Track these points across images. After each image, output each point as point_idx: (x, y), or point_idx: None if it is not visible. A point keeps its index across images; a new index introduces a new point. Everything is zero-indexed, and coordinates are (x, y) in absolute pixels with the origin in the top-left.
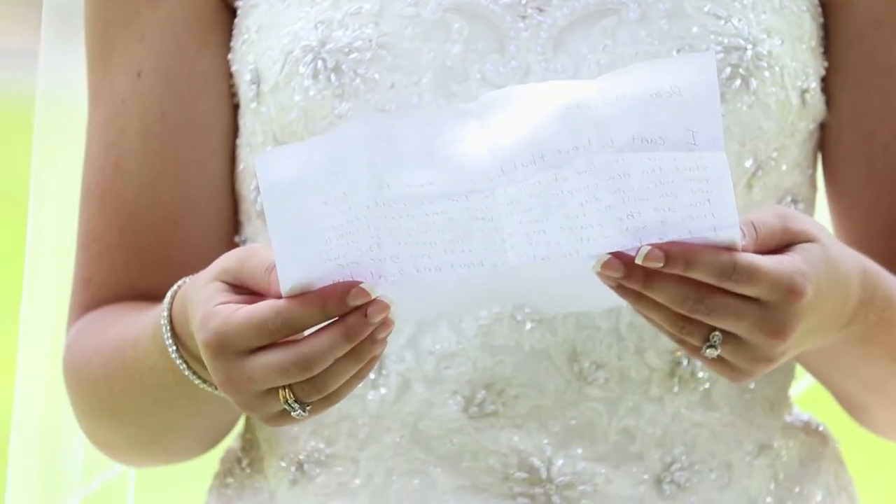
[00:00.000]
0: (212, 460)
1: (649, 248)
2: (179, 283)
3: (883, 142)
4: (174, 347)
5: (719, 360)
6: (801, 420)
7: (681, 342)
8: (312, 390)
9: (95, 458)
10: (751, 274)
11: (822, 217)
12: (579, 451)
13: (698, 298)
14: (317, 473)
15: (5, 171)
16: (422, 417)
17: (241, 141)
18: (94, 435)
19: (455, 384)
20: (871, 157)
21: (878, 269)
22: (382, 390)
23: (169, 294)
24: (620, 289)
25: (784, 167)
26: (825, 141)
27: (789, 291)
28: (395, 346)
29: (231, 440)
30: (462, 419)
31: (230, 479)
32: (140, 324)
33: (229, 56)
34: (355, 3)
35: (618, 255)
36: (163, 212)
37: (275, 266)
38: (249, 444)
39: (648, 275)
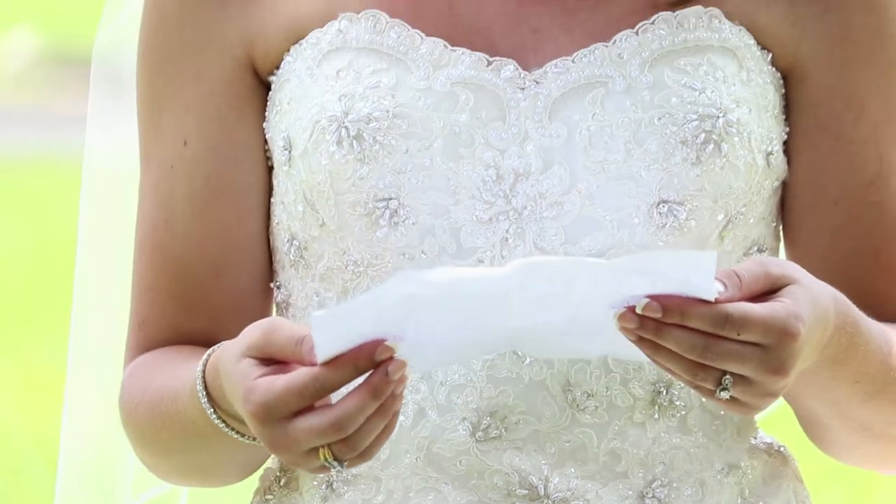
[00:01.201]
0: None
1: (647, 300)
2: (209, 351)
3: (833, 198)
4: (211, 410)
5: (731, 400)
6: (765, 442)
7: (696, 388)
8: (348, 449)
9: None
10: (744, 322)
11: None
12: (572, 470)
13: (706, 346)
14: (344, 491)
15: (56, 224)
16: (435, 441)
17: (275, 199)
18: (144, 461)
19: (464, 412)
20: (823, 212)
21: (844, 298)
22: (401, 417)
23: (200, 363)
24: (639, 340)
25: (751, 220)
26: (784, 196)
27: (785, 334)
28: (411, 380)
29: (270, 461)
30: (470, 442)
31: (269, 497)
32: (180, 379)
33: (264, 125)
34: (374, 78)
35: (632, 309)
36: (207, 264)
37: (304, 337)
38: (285, 465)
39: (659, 326)
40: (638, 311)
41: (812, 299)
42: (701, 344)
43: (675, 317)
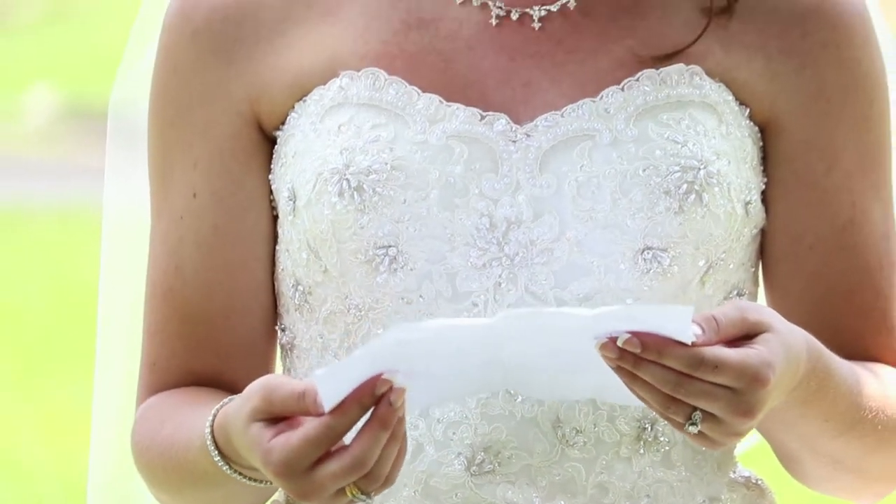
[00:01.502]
0: None
1: (628, 336)
2: (213, 412)
3: (808, 244)
4: (227, 466)
5: (699, 434)
6: (744, 476)
7: (668, 419)
8: (372, 481)
9: None
10: (716, 365)
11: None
12: (562, 502)
13: (678, 382)
14: None
15: (77, 270)
16: (432, 475)
17: (280, 247)
18: (158, 498)
19: (459, 447)
20: (799, 256)
21: (817, 343)
22: None
23: (208, 425)
24: (618, 369)
25: (731, 266)
26: (763, 242)
27: (755, 380)
28: (410, 417)
29: (277, 493)
30: (465, 476)
31: None
32: (190, 431)
33: (270, 176)
34: (374, 132)
35: (614, 340)
36: (216, 308)
37: (304, 391)
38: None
39: (638, 359)
40: (619, 344)
41: (785, 347)
42: (673, 380)
43: (653, 354)
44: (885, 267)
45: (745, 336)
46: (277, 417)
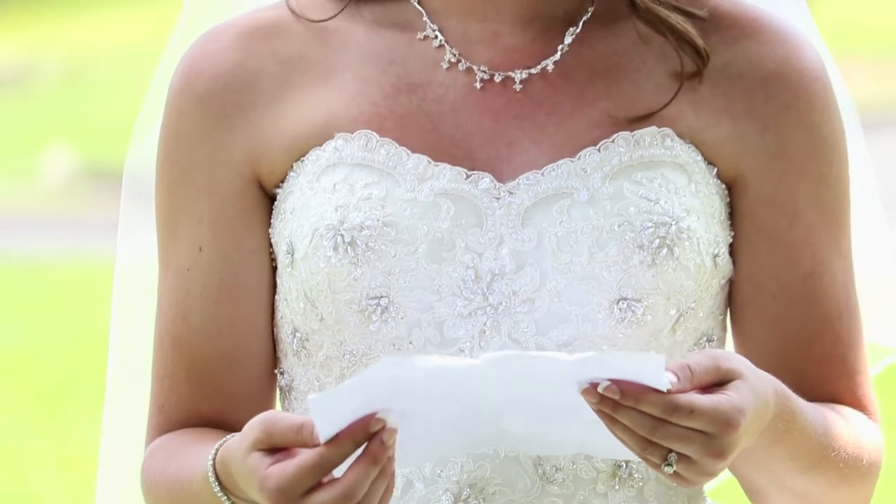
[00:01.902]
0: None
1: (608, 383)
2: (216, 447)
3: (772, 293)
4: (224, 496)
5: (674, 474)
6: None
7: (645, 459)
8: None
9: None
10: (690, 412)
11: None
12: None
13: (655, 427)
14: None
15: (89, 318)
16: None
17: (279, 296)
18: None
19: (446, 483)
20: (764, 305)
21: (784, 387)
22: None
23: (210, 459)
24: (599, 412)
25: (701, 314)
26: (730, 292)
27: (727, 425)
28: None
29: None
30: None
31: None
32: (194, 467)
33: (270, 231)
34: (366, 191)
35: (595, 386)
36: (220, 355)
37: (302, 424)
38: None
39: (617, 405)
40: (599, 390)
41: (755, 393)
42: (650, 424)
43: (631, 401)
44: (844, 315)
45: (718, 383)
46: (276, 448)
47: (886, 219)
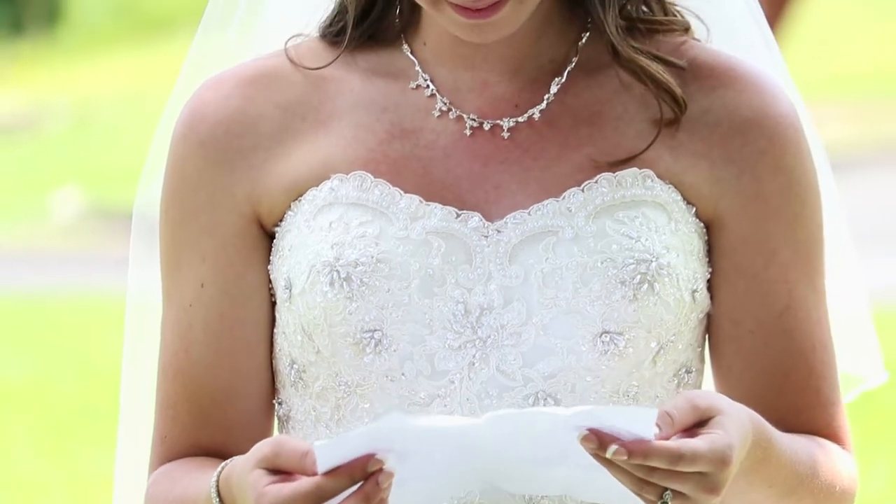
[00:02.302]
0: None
1: (616, 447)
2: (221, 466)
3: (749, 328)
4: None
5: None
6: None
7: (641, 497)
8: None
9: None
10: (693, 458)
11: (708, 383)
12: None
13: (651, 469)
14: None
15: (100, 351)
16: None
17: (278, 330)
18: None
19: None
20: (740, 339)
21: (758, 416)
22: None
23: (214, 475)
24: (596, 456)
25: (680, 346)
26: (708, 326)
27: (722, 462)
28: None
29: None
30: None
31: None
32: (198, 490)
33: (269, 267)
34: (361, 229)
35: (594, 432)
36: (221, 387)
37: (308, 451)
38: None
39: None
40: (609, 455)
41: (737, 426)
42: (647, 468)
43: (640, 458)
44: (818, 349)
45: (698, 423)
46: (279, 470)
47: (857, 255)
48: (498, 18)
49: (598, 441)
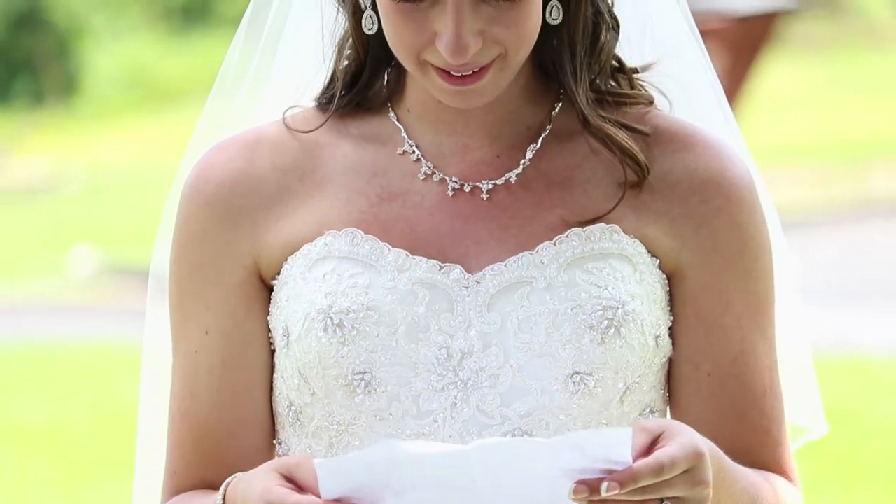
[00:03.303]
0: None
1: (608, 484)
2: (227, 481)
3: (706, 370)
4: None
5: None
6: None
7: None
8: None
9: None
10: (673, 462)
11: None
12: None
13: (643, 488)
14: None
15: (115, 395)
16: None
17: (277, 375)
18: None
19: None
20: (698, 382)
21: (711, 443)
22: None
23: (222, 488)
24: (592, 502)
25: (645, 388)
26: (669, 369)
27: (696, 455)
28: None
29: None
30: None
31: None
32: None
33: (268, 317)
34: (352, 280)
35: (581, 483)
36: (224, 427)
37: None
38: None
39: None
40: (603, 493)
41: (687, 429)
42: (640, 490)
43: (631, 484)
44: (768, 393)
45: (653, 441)
46: (292, 480)
47: (805, 308)
48: (480, 85)
49: (588, 488)
